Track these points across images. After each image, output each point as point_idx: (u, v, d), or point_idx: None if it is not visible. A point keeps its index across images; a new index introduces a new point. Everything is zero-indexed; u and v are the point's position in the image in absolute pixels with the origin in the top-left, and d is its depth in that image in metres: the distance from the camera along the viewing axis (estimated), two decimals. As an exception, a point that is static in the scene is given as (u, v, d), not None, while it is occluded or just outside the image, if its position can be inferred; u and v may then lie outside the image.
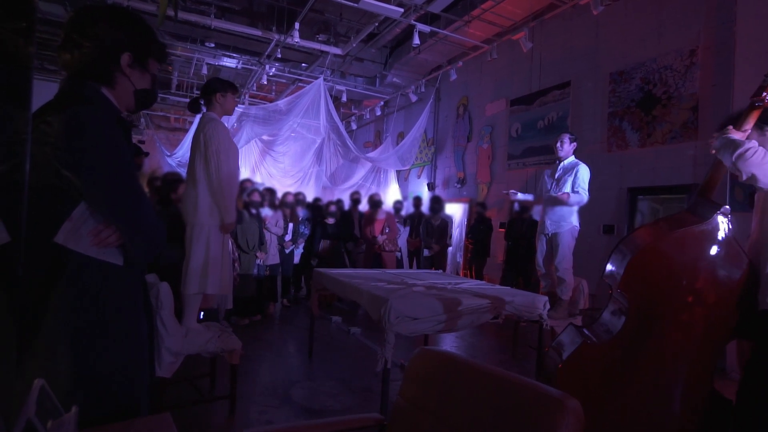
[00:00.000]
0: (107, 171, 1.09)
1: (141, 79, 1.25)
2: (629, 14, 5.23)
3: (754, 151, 1.61)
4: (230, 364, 2.76)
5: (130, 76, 1.22)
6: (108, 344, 1.12)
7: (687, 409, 1.75)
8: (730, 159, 1.65)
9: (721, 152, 1.71)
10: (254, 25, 7.47)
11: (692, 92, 4.58)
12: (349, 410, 2.93)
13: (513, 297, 3.04)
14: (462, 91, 8.26)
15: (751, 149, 1.61)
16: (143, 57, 1.24)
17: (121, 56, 1.19)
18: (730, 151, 1.66)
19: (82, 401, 0.94)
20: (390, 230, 6.68)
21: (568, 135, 3.85)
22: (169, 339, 2.45)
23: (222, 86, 2.79)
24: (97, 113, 1.10)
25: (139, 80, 1.25)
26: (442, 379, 1.15)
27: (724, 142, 1.70)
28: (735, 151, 1.63)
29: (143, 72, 1.26)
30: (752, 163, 1.60)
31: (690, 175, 4.52)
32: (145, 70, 1.26)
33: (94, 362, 1.10)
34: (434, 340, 4.62)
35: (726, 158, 1.68)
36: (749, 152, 1.61)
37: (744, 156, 1.61)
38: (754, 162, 1.60)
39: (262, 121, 8.36)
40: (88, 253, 1.11)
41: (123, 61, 1.19)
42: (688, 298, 1.72)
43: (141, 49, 1.23)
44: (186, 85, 10.26)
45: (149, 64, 1.27)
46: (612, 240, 5.14)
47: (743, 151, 1.61)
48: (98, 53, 1.15)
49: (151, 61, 1.27)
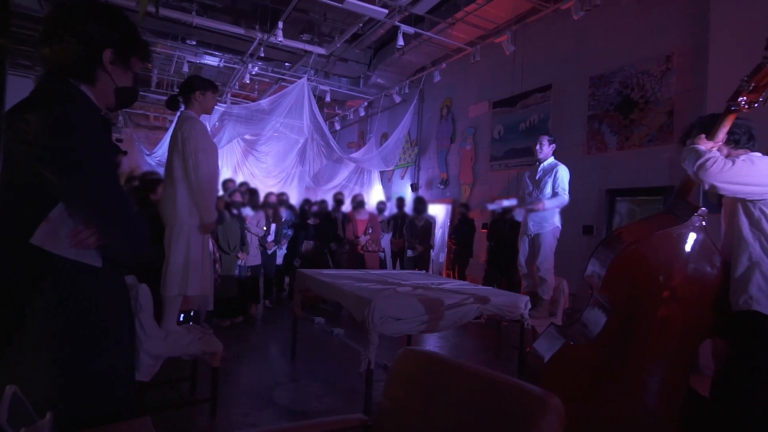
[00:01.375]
0: (90, 171, 1.07)
1: (123, 77, 1.22)
2: (609, 20, 5.35)
3: (714, 161, 1.64)
4: (211, 366, 2.72)
5: (112, 73, 1.19)
6: (87, 347, 1.10)
7: (664, 405, 1.79)
8: (692, 170, 1.69)
9: (685, 162, 1.75)
10: (237, 23, 7.38)
11: (668, 97, 4.70)
12: (334, 411, 2.92)
13: (495, 297, 3.07)
14: (445, 93, 8.32)
15: (710, 159, 1.65)
16: (126, 54, 1.21)
17: (104, 52, 1.16)
18: (692, 162, 1.70)
19: (62, 406, 0.92)
20: (373, 231, 6.68)
21: (547, 137, 3.92)
22: (148, 342, 2.41)
23: (202, 84, 2.75)
24: (80, 112, 1.07)
25: (121, 78, 1.22)
26: (427, 379, 1.15)
27: (688, 153, 1.75)
28: (696, 162, 1.67)
29: (125, 70, 1.23)
30: (711, 174, 1.64)
31: (666, 177, 4.64)
32: (128, 67, 1.23)
33: (73, 366, 1.07)
34: (417, 340, 4.64)
35: (689, 168, 1.72)
36: (708, 162, 1.64)
37: (704, 167, 1.65)
38: (713, 173, 1.63)
39: (245, 120, 8.27)
40: (66, 255, 1.08)
41: (105, 58, 1.16)
42: (666, 297, 1.77)
43: (124, 45, 1.20)
44: (166, 83, 10.08)
45: (132, 62, 1.24)
46: (592, 241, 5.23)
47: (703, 162, 1.65)
48: (80, 49, 1.12)
49: (134, 59, 1.24)
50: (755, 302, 1.67)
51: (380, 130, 10.18)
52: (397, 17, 6.26)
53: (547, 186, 3.78)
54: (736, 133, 1.81)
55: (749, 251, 1.72)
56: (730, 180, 1.65)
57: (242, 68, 8.21)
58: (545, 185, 3.79)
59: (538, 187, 3.84)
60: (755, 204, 1.71)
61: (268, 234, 5.75)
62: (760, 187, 1.68)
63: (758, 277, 1.69)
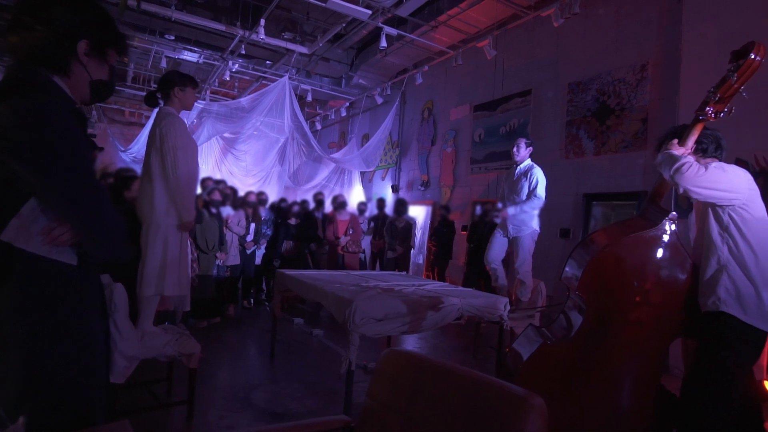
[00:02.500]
0: (65, 165, 1.03)
1: (98, 70, 1.18)
2: (587, 28, 5.48)
3: (689, 166, 1.71)
4: (188, 368, 2.67)
5: (87, 65, 1.15)
6: (61, 349, 1.06)
7: (637, 403, 1.85)
8: (669, 173, 1.76)
9: (661, 167, 1.82)
10: (217, 19, 7.26)
11: (643, 104, 4.84)
12: (313, 413, 2.90)
13: (475, 299, 3.10)
14: (427, 95, 8.37)
15: (686, 164, 1.72)
16: (102, 46, 1.17)
17: (78, 43, 1.12)
18: (668, 167, 1.77)
19: (34, 410, 0.89)
20: (354, 231, 6.67)
21: (524, 139, 4.00)
22: (122, 343, 2.35)
23: (181, 80, 2.70)
24: (53, 103, 1.03)
25: (97, 70, 1.18)
26: (411, 380, 1.16)
27: (664, 158, 1.82)
28: (672, 167, 1.74)
29: (101, 62, 1.19)
30: (686, 178, 1.71)
31: (640, 182, 4.78)
32: (104, 60, 1.19)
33: (45, 368, 1.04)
34: (397, 341, 4.65)
35: (665, 172, 1.79)
36: (684, 167, 1.72)
37: (680, 171, 1.72)
38: (688, 177, 1.71)
39: (224, 118, 8.15)
40: (38, 252, 1.05)
41: (80, 49, 1.12)
42: (639, 298, 1.82)
43: (100, 37, 1.16)
44: (143, 77, 9.84)
45: (108, 54, 1.20)
46: (568, 243, 5.35)
47: (679, 166, 1.72)
48: (52, 38, 1.08)
49: (110, 52, 1.21)
50: (722, 304, 1.74)
51: (361, 131, 10.18)
52: (380, 18, 6.27)
53: (524, 190, 3.85)
54: (704, 142, 1.89)
55: (718, 254, 1.79)
56: (702, 185, 1.72)
57: (222, 65, 8.09)
58: (522, 188, 3.86)
59: (515, 189, 3.91)
60: (724, 209, 1.78)
61: (247, 234, 5.68)
62: (729, 193, 1.75)
63: (725, 280, 1.76)
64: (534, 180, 3.82)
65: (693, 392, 1.79)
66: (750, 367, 1.85)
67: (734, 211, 1.77)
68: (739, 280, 1.75)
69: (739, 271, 1.75)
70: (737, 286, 1.74)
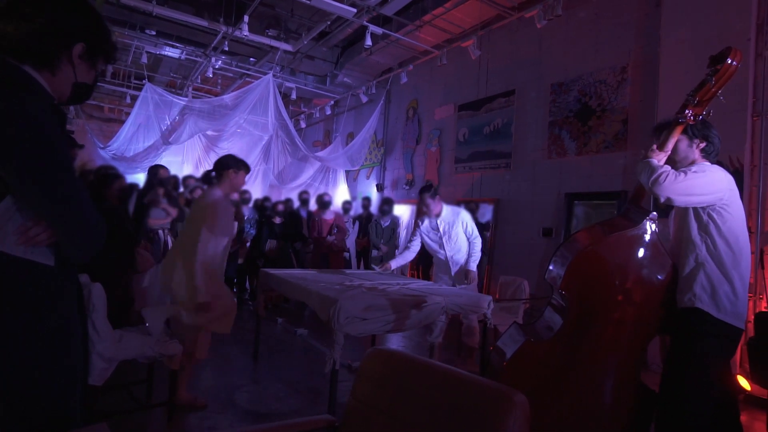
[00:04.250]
0: (44, 163, 0.99)
1: (86, 74, 1.17)
2: (570, 30, 5.55)
3: (666, 175, 1.76)
4: (169, 369, 2.63)
5: (77, 67, 1.14)
6: (37, 352, 1.03)
7: (617, 399, 1.88)
8: (647, 184, 1.81)
9: (640, 176, 1.87)
10: (200, 15, 7.15)
11: (623, 106, 4.93)
12: (297, 413, 2.88)
13: (459, 297, 3.12)
14: (412, 94, 8.39)
15: (663, 174, 1.76)
16: (95, 52, 1.17)
17: (75, 45, 1.11)
18: (647, 177, 1.81)
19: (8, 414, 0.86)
20: (339, 230, 6.65)
21: (426, 193, 3.87)
22: (101, 344, 2.29)
23: (236, 164, 2.86)
24: (31, 100, 1.00)
25: (84, 74, 1.17)
26: (395, 379, 1.16)
27: (643, 167, 1.86)
28: (650, 177, 1.79)
29: (90, 67, 1.18)
30: (665, 188, 1.75)
31: (620, 182, 4.87)
32: (93, 65, 1.19)
33: (21, 371, 1.01)
34: (380, 339, 4.65)
35: (644, 182, 1.84)
36: (662, 177, 1.76)
37: (658, 181, 1.76)
38: (666, 186, 1.75)
39: (207, 115, 8.03)
40: (13, 252, 1.01)
41: (75, 50, 1.11)
42: (621, 297, 1.86)
43: (96, 44, 1.16)
44: (123, 73, 9.63)
45: (98, 61, 1.20)
46: (551, 242, 5.42)
47: (656, 177, 1.77)
48: (50, 34, 1.06)
49: (100, 59, 1.20)
50: (698, 300, 1.79)
51: (346, 130, 10.14)
52: (365, 17, 6.25)
53: (459, 237, 3.87)
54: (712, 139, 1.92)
55: (696, 252, 1.83)
56: (682, 192, 1.76)
57: (205, 62, 7.97)
58: (457, 237, 3.87)
59: (450, 238, 3.89)
60: (704, 209, 1.82)
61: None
62: (708, 196, 1.79)
63: (702, 277, 1.80)
64: (466, 225, 3.89)
65: (671, 387, 1.83)
66: (727, 362, 1.90)
67: (714, 210, 1.81)
68: (715, 278, 1.79)
69: (716, 269, 1.80)
70: (713, 283, 1.79)
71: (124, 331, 2.61)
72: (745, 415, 3.06)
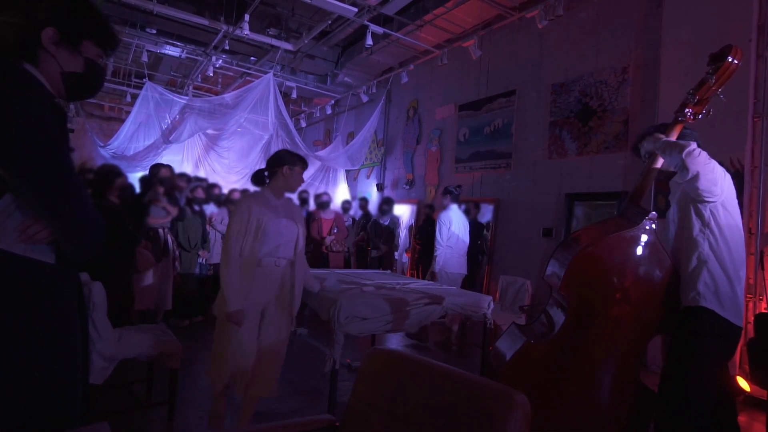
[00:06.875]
0: (44, 162, 0.98)
1: (70, 61, 1.10)
2: (571, 30, 5.55)
3: (699, 151, 1.73)
4: (169, 368, 2.63)
5: (57, 55, 1.07)
6: (37, 351, 1.03)
7: (617, 399, 1.88)
8: (680, 156, 1.72)
9: (667, 151, 1.79)
10: (201, 14, 7.14)
11: (624, 106, 4.93)
12: (296, 412, 2.88)
13: (459, 297, 3.12)
14: (412, 94, 8.38)
15: (696, 149, 1.73)
16: (74, 36, 1.10)
17: (42, 31, 1.04)
18: (677, 150, 1.74)
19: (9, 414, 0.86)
20: (338, 231, 6.65)
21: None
22: (101, 343, 2.30)
23: (291, 159, 2.49)
24: (33, 98, 0.99)
25: (68, 62, 1.10)
26: (395, 379, 1.16)
27: (667, 145, 1.80)
28: (684, 150, 1.72)
29: (73, 53, 1.11)
30: (699, 162, 1.70)
31: (621, 183, 4.87)
32: (77, 51, 1.11)
33: (21, 371, 1.01)
34: (380, 339, 4.65)
35: (674, 156, 1.75)
36: (696, 151, 1.72)
37: (692, 154, 1.71)
38: (700, 161, 1.71)
39: (207, 114, 8.03)
40: (13, 250, 1.01)
41: (44, 36, 1.05)
42: (620, 296, 1.86)
43: (70, 25, 1.08)
44: (123, 71, 9.63)
45: (83, 46, 1.12)
46: (551, 242, 5.42)
47: (692, 150, 1.72)
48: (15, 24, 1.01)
49: (86, 43, 1.13)
50: (702, 298, 1.79)
51: (347, 129, 10.14)
52: (366, 16, 6.25)
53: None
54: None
55: (698, 250, 1.83)
56: (710, 171, 1.73)
57: (205, 60, 7.96)
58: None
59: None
60: (706, 206, 1.82)
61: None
62: (718, 188, 1.78)
63: (705, 275, 1.80)
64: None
65: (670, 387, 1.83)
66: (726, 363, 1.91)
67: (715, 208, 1.81)
68: (717, 275, 1.79)
69: (717, 267, 1.80)
70: (716, 281, 1.79)
71: (124, 330, 2.62)
72: (745, 415, 3.06)
